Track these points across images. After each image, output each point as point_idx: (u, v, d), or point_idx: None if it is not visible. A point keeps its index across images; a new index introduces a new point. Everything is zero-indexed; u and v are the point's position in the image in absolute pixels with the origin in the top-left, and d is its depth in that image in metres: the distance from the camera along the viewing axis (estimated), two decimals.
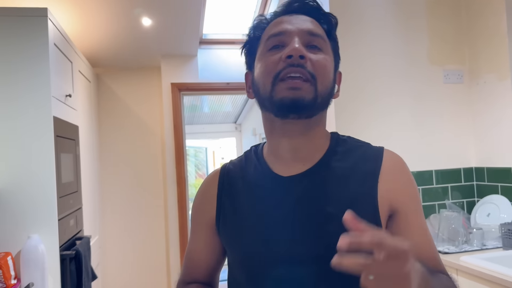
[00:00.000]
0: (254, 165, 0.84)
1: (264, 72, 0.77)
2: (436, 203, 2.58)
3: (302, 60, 0.73)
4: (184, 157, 3.32)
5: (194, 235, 0.90)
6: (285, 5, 0.82)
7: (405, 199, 0.80)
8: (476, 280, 1.86)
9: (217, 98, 4.83)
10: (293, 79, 0.73)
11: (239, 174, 0.85)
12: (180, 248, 3.23)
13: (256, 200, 0.80)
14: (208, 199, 0.86)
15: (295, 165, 0.80)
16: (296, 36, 0.76)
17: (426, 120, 2.60)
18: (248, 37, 0.86)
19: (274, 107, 0.76)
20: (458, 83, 2.67)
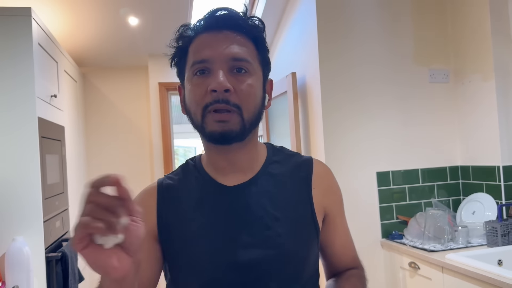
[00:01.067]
0: (195, 177, 0.86)
1: (193, 102, 0.79)
2: (422, 201, 2.61)
3: (226, 94, 0.75)
4: (172, 156, 3.31)
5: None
6: (207, 20, 0.81)
7: (333, 204, 0.91)
8: (461, 277, 1.88)
9: None
10: (219, 113, 0.76)
11: (180, 188, 0.86)
12: None
13: (204, 209, 0.82)
14: (146, 208, 0.83)
15: (236, 176, 0.84)
16: (219, 65, 0.77)
17: (412, 119, 2.62)
18: (175, 48, 0.85)
19: (206, 137, 0.80)
20: (444, 82, 2.69)
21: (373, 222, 2.53)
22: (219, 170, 0.85)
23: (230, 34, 0.79)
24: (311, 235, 0.85)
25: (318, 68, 2.50)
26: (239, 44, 0.79)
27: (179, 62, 0.84)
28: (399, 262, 2.35)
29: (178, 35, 0.84)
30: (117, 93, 3.40)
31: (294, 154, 0.93)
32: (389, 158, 2.57)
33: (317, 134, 2.57)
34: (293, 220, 0.83)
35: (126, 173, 3.35)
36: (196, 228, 0.81)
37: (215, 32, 0.80)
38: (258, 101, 0.81)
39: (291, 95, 2.68)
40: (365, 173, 2.54)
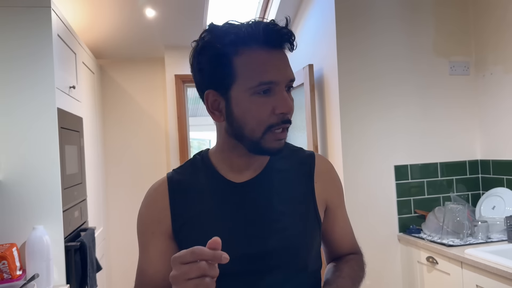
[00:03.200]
0: (204, 173, 0.89)
1: (255, 119, 0.80)
2: (441, 195, 2.57)
3: (289, 115, 0.81)
4: (188, 148, 3.32)
5: (147, 247, 0.88)
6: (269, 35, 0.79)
7: (334, 197, 0.96)
8: (480, 273, 1.85)
9: None
10: (281, 132, 0.81)
11: (190, 183, 0.89)
12: None
13: (214, 206, 0.86)
14: (159, 209, 0.87)
15: (246, 173, 0.89)
16: (283, 87, 0.80)
17: (431, 112, 2.58)
18: (214, 44, 0.79)
19: (259, 151, 0.84)
20: (464, 75, 2.64)
21: (390, 216, 2.50)
22: (233, 168, 0.88)
23: (283, 53, 0.82)
24: (314, 227, 0.91)
25: (336, 60, 2.47)
26: (289, 64, 0.84)
27: (218, 70, 0.80)
28: (416, 257, 2.33)
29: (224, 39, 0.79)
30: (134, 85, 3.42)
31: (298, 150, 0.97)
32: (407, 151, 2.54)
33: (334, 127, 2.55)
34: (298, 213, 0.89)
35: (142, 164, 3.39)
36: (208, 223, 0.85)
37: (274, 50, 0.80)
38: None
39: (308, 88, 2.66)
40: (382, 166, 2.51)
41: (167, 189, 0.88)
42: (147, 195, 0.91)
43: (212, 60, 0.80)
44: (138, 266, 0.92)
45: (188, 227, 0.85)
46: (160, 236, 0.87)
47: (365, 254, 1.05)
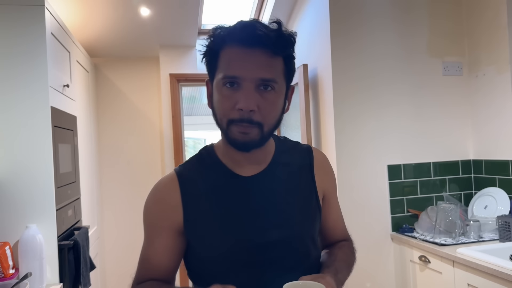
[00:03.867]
0: (212, 168, 0.93)
1: (221, 111, 0.86)
2: (434, 195, 2.59)
3: (251, 113, 0.82)
4: (183, 148, 3.32)
5: (153, 239, 0.93)
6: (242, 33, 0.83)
7: (330, 187, 1.03)
8: (472, 272, 1.87)
9: None
10: (243, 127, 0.83)
11: (199, 178, 0.92)
12: None
13: (224, 199, 0.90)
14: (170, 205, 0.90)
15: (251, 167, 0.93)
16: (248, 83, 0.82)
17: (425, 112, 2.60)
18: (207, 47, 0.89)
19: (231, 143, 0.87)
20: (457, 75, 2.66)
21: (383, 215, 2.52)
22: (236, 162, 0.92)
23: (262, 54, 0.83)
24: (316, 216, 0.98)
25: (330, 60, 2.48)
26: (269, 64, 0.84)
27: (210, 62, 0.88)
28: (409, 256, 2.34)
29: (211, 35, 0.87)
30: (129, 84, 3.41)
31: (296, 144, 1.03)
32: (400, 151, 2.55)
33: (328, 126, 2.56)
34: (302, 205, 0.95)
35: (136, 163, 3.38)
36: (219, 216, 0.88)
37: (248, 49, 0.83)
38: (278, 113, 0.88)
39: (302, 87, 2.67)
40: (376, 166, 2.52)
41: (178, 186, 0.91)
42: (157, 190, 0.94)
43: (205, 52, 0.89)
44: (142, 252, 0.95)
45: (199, 222, 0.88)
46: (168, 231, 0.91)
47: (359, 253, 1.08)
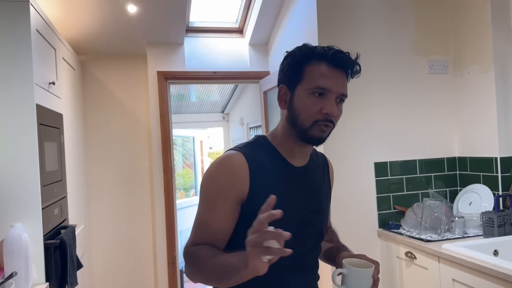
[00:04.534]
0: (269, 155, 1.12)
1: (305, 112, 1.07)
2: (420, 192, 2.63)
3: (333, 117, 1.07)
4: (170, 146, 3.31)
5: (216, 207, 1.05)
6: (334, 57, 1.08)
7: (332, 187, 1.32)
8: (457, 267, 1.90)
9: (205, 88, 4.80)
10: (324, 126, 1.07)
11: (261, 158, 1.09)
12: (167, 236, 3.23)
13: (280, 180, 1.10)
14: (239, 176, 1.05)
15: (300, 160, 1.15)
16: (333, 95, 1.07)
17: (411, 110, 2.63)
18: (295, 53, 1.10)
19: (304, 138, 1.09)
20: (443, 73, 2.69)
21: (370, 212, 2.54)
22: (290, 154, 1.13)
23: (344, 75, 1.10)
24: (329, 207, 1.27)
25: None
26: (345, 83, 1.10)
27: (294, 72, 1.09)
28: (395, 252, 2.37)
29: (296, 51, 1.10)
30: (116, 81, 3.38)
31: (316, 151, 1.27)
32: (387, 148, 2.58)
33: None
34: (326, 196, 1.23)
35: (123, 161, 3.36)
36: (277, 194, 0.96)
37: (336, 69, 1.08)
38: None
39: None
40: (363, 163, 2.55)
41: (247, 163, 1.06)
42: (225, 163, 1.07)
43: (290, 64, 1.10)
44: (200, 218, 1.07)
45: (263, 196, 0.95)
46: (232, 201, 1.05)
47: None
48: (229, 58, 3.40)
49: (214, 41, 3.41)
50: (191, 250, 1.05)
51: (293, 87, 1.08)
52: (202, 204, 1.08)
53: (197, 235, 1.06)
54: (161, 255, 3.23)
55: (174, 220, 3.26)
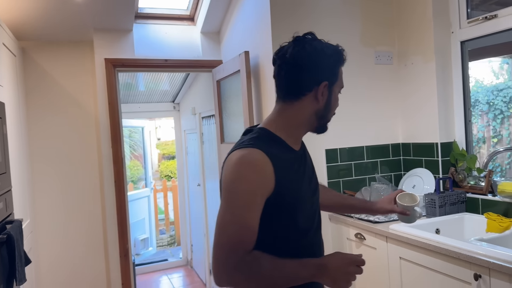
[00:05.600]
0: (279, 144, 1.18)
1: (333, 109, 1.26)
2: (367, 176, 2.76)
3: None
4: (120, 136, 3.22)
5: (252, 206, 1.08)
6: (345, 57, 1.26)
7: None
8: (403, 246, 2.03)
9: (154, 77, 4.70)
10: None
11: (276, 152, 1.13)
12: (119, 228, 3.16)
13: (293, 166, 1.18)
14: (267, 175, 1.09)
15: (297, 146, 1.25)
16: None
17: (359, 99, 2.74)
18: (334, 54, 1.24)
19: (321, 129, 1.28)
20: (388, 64, 2.83)
21: None
22: (294, 141, 1.22)
23: None
24: None
25: (271, 47, 2.53)
26: None
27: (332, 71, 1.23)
28: (346, 234, 2.48)
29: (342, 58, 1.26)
30: (61, 69, 3.22)
31: None
32: (337, 136, 2.68)
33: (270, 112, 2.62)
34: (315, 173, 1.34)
35: (71, 152, 3.23)
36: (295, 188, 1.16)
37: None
38: None
39: (244, 75, 2.69)
40: (315, 150, 2.62)
41: (270, 160, 1.10)
42: (251, 162, 1.09)
43: (333, 64, 1.22)
44: (240, 223, 1.07)
45: (285, 192, 1.12)
46: (262, 199, 1.09)
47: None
48: (181, 46, 3.35)
49: (165, 29, 3.35)
50: (248, 259, 1.06)
51: (331, 85, 1.21)
52: (236, 207, 1.07)
53: (240, 241, 1.05)
54: (112, 248, 3.16)
55: (126, 212, 3.19)
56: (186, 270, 5.09)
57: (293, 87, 1.18)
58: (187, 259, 5.28)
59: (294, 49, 1.18)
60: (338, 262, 1.13)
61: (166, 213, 6.80)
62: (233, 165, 1.08)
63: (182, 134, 5.22)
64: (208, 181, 4.23)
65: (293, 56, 1.17)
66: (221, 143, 3.33)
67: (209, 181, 4.20)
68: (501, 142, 2.61)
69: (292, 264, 1.10)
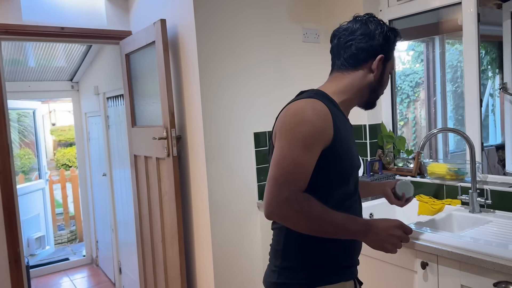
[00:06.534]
0: (336, 109, 1.24)
1: (385, 85, 1.34)
2: None
3: None
4: (5, 119, 2.66)
5: (312, 149, 1.13)
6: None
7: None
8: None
9: (47, 51, 4.05)
10: None
11: (333, 109, 1.20)
12: (6, 229, 2.63)
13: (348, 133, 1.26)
14: (328, 123, 1.16)
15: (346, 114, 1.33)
16: None
17: (287, 78, 2.56)
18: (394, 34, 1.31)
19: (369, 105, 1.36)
20: (315, 42, 2.69)
21: (250, 184, 2.43)
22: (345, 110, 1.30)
23: None
24: None
25: (193, 16, 2.21)
26: None
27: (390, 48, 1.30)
28: None
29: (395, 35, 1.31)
30: None
31: None
32: (265, 118, 2.48)
33: (192, 92, 2.32)
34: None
35: None
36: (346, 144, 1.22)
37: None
38: None
39: (161, 46, 2.34)
40: (242, 133, 2.40)
41: (329, 111, 1.16)
42: (315, 108, 1.16)
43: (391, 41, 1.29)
44: (295, 161, 1.11)
45: (340, 146, 1.18)
46: (322, 145, 1.15)
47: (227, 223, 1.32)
48: (81, 12, 2.84)
49: None
50: (300, 196, 1.11)
51: (386, 60, 1.27)
52: (295, 145, 1.12)
53: (295, 178, 1.11)
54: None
55: (15, 209, 2.67)
56: (91, 270, 4.57)
57: (351, 57, 1.26)
58: (92, 257, 4.76)
59: (356, 24, 1.28)
60: (385, 224, 1.20)
61: (65, 207, 6.09)
62: (297, 110, 1.16)
63: (83, 117, 4.63)
64: (116, 170, 3.78)
65: (354, 29, 1.27)
66: (132, 126, 2.94)
67: (117, 170, 3.75)
68: (407, 125, 2.65)
69: (342, 215, 1.16)
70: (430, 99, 2.60)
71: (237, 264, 2.38)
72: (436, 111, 2.54)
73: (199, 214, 2.40)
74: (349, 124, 1.31)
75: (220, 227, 2.30)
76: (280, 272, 1.20)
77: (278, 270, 1.21)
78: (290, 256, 1.20)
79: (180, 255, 2.42)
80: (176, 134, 2.43)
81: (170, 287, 2.61)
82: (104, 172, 4.02)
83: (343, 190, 1.23)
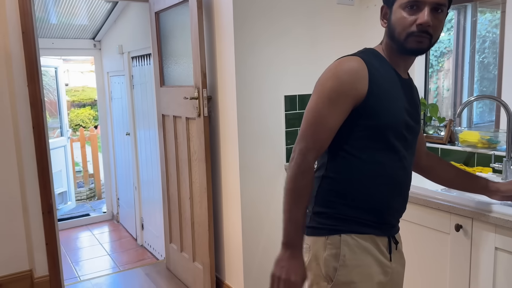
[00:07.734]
0: (382, 64, 1.23)
1: (400, 27, 1.18)
2: None
3: (428, 27, 1.15)
4: (38, 72, 2.69)
5: (338, 104, 1.15)
6: None
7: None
8: None
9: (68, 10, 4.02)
10: (420, 37, 1.17)
11: (378, 66, 1.21)
12: (40, 182, 2.71)
13: (391, 89, 1.22)
14: (360, 78, 1.16)
15: (403, 73, 1.28)
16: (428, 7, 1.14)
17: (319, 41, 2.54)
18: None
19: (403, 51, 1.21)
20: (349, 5, 2.65)
21: (279, 147, 2.46)
22: (397, 66, 1.26)
23: None
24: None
25: None
26: None
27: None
28: None
29: None
30: None
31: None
32: (296, 81, 2.49)
33: (226, 54, 2.32)
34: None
35: None
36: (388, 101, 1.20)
37: None
38: (441, 31, 1.22)
39: (195, 5, 2.33)
40: (273, 96, 2.41)
41: (367, 68, 1.16)
42: (345, 63, 1.17)
43: None
44: (318, 114, 1.15)
45: (378, 102, 1.17)
46: (351, 101, 1.15)
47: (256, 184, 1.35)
48: None
49: None
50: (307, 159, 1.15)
51: (391, 5, 1.20)
52: (320, 100, 1.15)
53: (315, 132, 1.15)
54: (33, 205, 2.72)
55: (48, 163, 2.74)
56: (112, 225, 4.72)
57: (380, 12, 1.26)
58: (112, 214, 4.90)
59: None
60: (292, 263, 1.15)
61: (84, 165, 6.21)
62: (331, 67, 1.18)
63: (105, 77, 4.65)
64: (140, 129, 3.83)
65: None
66: (160, 86, 2.95)
67: (141, 130, 3.80)
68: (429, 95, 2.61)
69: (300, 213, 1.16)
70: (458, 69, 2.56)
71: (265, 222, 2.45)
72: (462, 82, 2.51)
73: (228, 174, 2.45)
74: (404, 82, 1.26)
75: (248, 187, 2.35)
76: (312, 217, 1.25)
77: (311, 215, 1.26)
78: (322, 202, 1.24)
79: (208, 212, 2.49)
80: (207, 95, 2.45)
81: (197, 242, 2.70)
82: (127, 131, 4.07)
83: (382, 151, 1.20)
